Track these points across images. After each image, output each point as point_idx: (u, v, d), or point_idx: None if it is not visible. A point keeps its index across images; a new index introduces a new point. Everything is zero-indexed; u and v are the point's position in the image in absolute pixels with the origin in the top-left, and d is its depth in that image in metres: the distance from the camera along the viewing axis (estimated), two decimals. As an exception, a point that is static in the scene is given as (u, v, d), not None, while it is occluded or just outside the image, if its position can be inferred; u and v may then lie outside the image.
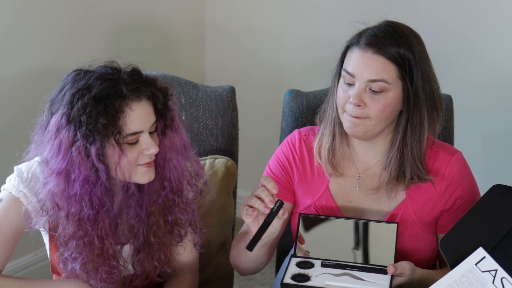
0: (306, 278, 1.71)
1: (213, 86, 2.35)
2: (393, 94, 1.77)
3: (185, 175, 1.79)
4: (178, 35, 3.49)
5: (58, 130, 1.64)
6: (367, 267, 1.76)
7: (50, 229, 1.74)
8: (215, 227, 2.18)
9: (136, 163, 1.68)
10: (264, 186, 1.68)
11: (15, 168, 1.76)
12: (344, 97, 1.79)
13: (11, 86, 2.88)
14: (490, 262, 1.59)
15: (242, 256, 1.88)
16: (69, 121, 1.62)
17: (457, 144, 2.22)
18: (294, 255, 1.80)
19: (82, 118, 1.61)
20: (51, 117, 1.66)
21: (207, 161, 2.23)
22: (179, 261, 1.90)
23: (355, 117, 1.77)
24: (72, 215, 1.66)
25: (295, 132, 1.98)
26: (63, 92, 1.65)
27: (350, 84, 1.78)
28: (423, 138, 1.82)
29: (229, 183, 2.24)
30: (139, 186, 1.76)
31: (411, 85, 1.77)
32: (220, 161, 2.24)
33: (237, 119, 2.36)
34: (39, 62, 2.93)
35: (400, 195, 1.87)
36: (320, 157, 1.90)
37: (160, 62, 3.29)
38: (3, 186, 1.77)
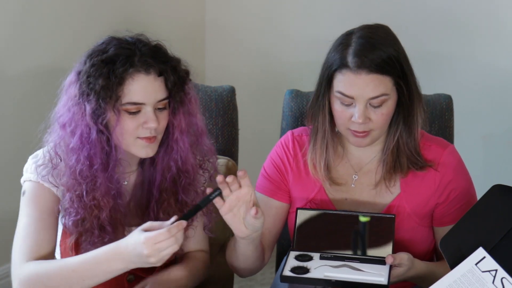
0: (305, 270, 1.72)
1: (213, 86, 2.35)
2: (392, 101, 1.79)
3: (190, 158, 1.81)
4: (178, 35, 3.49)
5: (69, 85, 1.72)
6: (366, 258, 1.77)
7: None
8: (216, 228, 2.18)
9: (135, 134, 1.70)
10: None
11: (30, 157, 1.80)
12: (345, 116, 1.80)
13: (16, 86, 2.88)
14: (490, 262, 1.59)
15: (233, 255, 1.89)
16: (77, 79, 1.70)
17: (457, 144, 2.22)
18: (293, 249, 1.81)
19: (85, 76, 1.67)
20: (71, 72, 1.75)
21: (207, 161, 2.23)
22: (189, 247, 1.91)
23: (361, 132, 1.79)
24: (69, 167, 1.71)
25: (288, 133, 1.99)
26: (87, 52, 1.73)
27: (348, 104, 1.79)
28: (416, 129, 1.84)
29: (229, 183, 2.24)
30: (152, 162, 1.79)
31: (405, 84, 1.79)
32: (221, 162, 2.24)
33: (237, 119, 2.36)
34: (43, 62, 2.94)
35: (395, 189, 1.88)
36: (317, 173, 1.90)
37: (160, 62, 3.29)
38: (22, 179, 1.80)
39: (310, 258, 1.77)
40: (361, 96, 1.76)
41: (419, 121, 1.85)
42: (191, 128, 1.80)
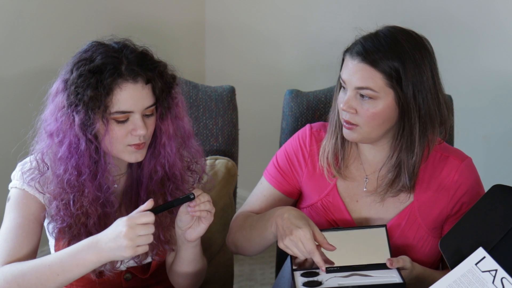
0: (318, 283, 1.71)
1: (213, 86, 2.35)
2: (383, 103, 1.77)
3: (177, 163, 1.81)
4: (179, 36, 3.49)
5: (56, 94, 1.72)
6: (370, 265, 1.76)
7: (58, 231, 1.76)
8: (215, 228, 2.18)
9: (124, 142, 1.71)
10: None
11: (19, 164, 1.80)
12: (339, 104, 1.82)
13: (11, 87, 2.88)
14: (490, 262, 1.59)
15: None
16: (64, 88, 1.69)
17: (457, 144, 2.22)
18: (295, 269, 1.78)
19: (73, 87, 1.67)
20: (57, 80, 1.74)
21: (208, 161, 2.23)
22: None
23: (347, 122, 1.80)
24: (57, 176, 1.71)
25: (307, 127, 1.98)
26: (72, 59, 1.72)
27: (346, 90, 1.80)
28: (415, 148, 1.81)
29: (229, 184, 2.24)
30: (139, 164, 1.80)
31: (402, 94, 1.77)
32: (221, 162, 2.24)
33: (237, 119, 2.36)
34: (39, 63, 2.93)
35: (408, 198, 1.87)
36: (323, 161, 1.91)
37: (160, 62, 3.29)
38: (10, 185, 1.80)
39: (316, 274, 1.75)
40: (349, 82, 1.77)
41: (422, 145, 1.80)
42: (179, 132, 1.80)
